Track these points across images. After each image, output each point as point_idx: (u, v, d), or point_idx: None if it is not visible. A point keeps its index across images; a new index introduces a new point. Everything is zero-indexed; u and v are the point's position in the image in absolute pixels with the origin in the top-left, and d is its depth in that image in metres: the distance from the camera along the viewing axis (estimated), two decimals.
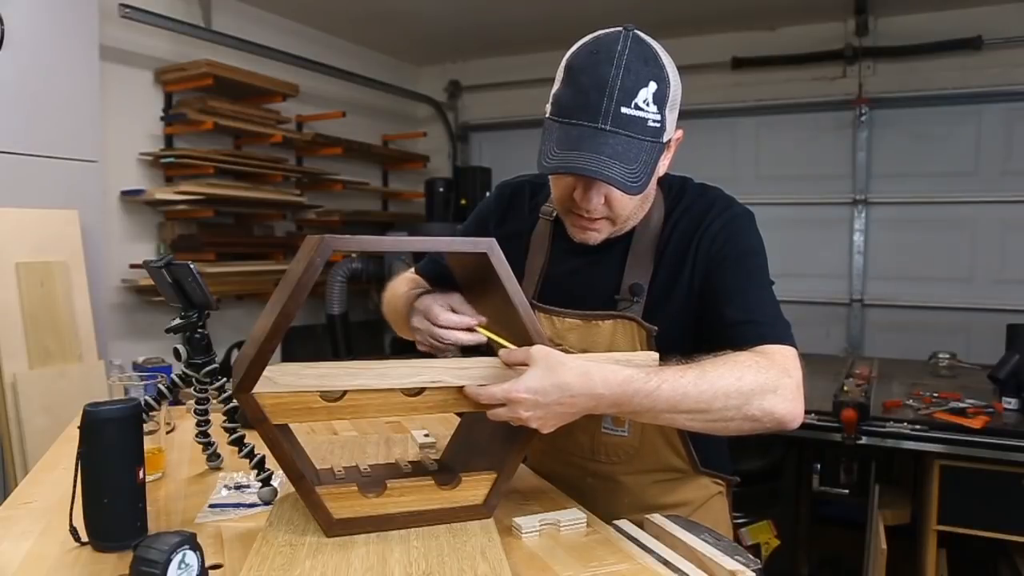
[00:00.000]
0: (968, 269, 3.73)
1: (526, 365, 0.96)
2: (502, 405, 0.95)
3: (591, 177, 1.02)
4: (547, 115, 1.10)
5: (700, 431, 1.02)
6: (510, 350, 0.99)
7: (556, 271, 1.26)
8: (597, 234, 1.15)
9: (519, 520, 0.99)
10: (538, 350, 0.96)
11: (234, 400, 1.10)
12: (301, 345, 3.95)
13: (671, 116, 1.08)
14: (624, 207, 1.12)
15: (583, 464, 1.25)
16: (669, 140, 1.11)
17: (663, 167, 1.16)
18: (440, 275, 1.30)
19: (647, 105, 1.02)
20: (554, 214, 1.28)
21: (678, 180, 1.24)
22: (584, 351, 1.18)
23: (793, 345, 1.07)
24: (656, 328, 1.13)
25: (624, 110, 1.01)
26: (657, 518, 1.04)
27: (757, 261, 1.14)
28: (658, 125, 1.04)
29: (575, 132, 1.03)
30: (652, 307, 1.16)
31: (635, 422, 1.18)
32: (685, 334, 1.15)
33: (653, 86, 1.02)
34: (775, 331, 1.07)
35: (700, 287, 1.14)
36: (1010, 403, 2.37)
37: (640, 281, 1.16)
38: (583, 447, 1.24)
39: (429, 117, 4.95)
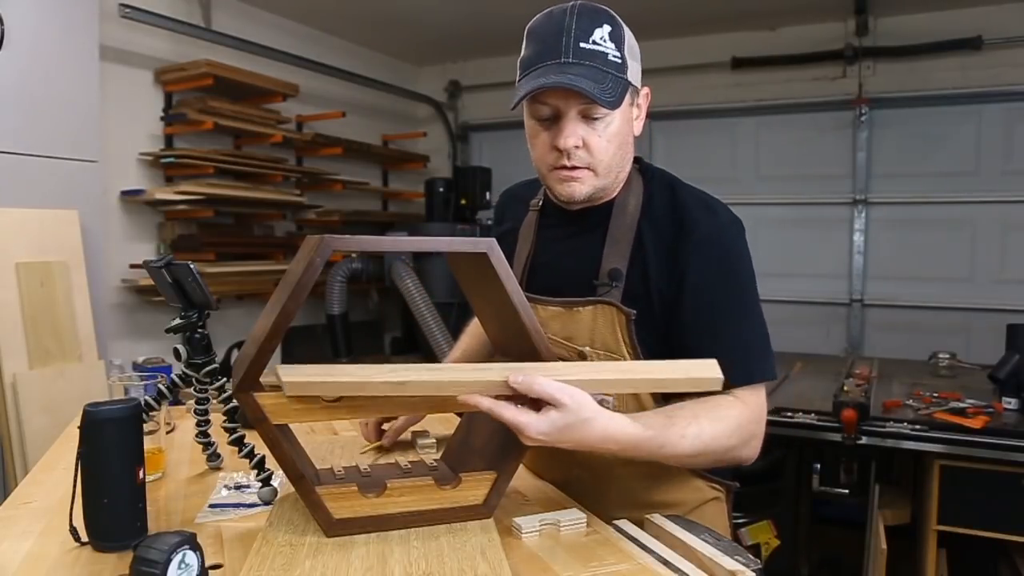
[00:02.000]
0: (968, 269, 3.73)
1: (552, 407, 0.91)
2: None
3: (561, 88, 1.05)
4: (517, 81, 1.13)
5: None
6: (545, 383, 0.91)
7: (540, 260, 1.27)
8: (580, 186, 1.14)
9: (519, 520, 0.99)
10: (572, 400, 0.91)
11: (234, 400, 1.10)
12: (301, 345, 3.95)
13: (633, 63, 1.12)
14: (603, 151, 1.12)
15: (570, 455, 1.24)
16: (637, 91, 1.14)
17: (637, 126, 1.18)
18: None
19: (604, 42, 1.08)
20: (540, 204, 1.29)
21: (660, 172, 1.24)
22: (567, 338, 1.19)
23: (768, 377, 1.13)
24: (635, 312, 1.13)
25: (583, 45, 1.07)
26: (657, 518, 1.04)
27: (742, 280, 1.14)
28: (619, 60, 1.09)
29: (540, 71, 1.08)
30: (631, 293, 1.15)
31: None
32: (659, 326, 1.14)
33: (607, 27, 1.09)
34: (751, 370, 1.11)
35: (679, 291, 1.13)
36: (1010, 403, 2.37)
37: (618, 266, 1.16)
38: None
39: (429, 117, 4.95)
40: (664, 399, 1.11)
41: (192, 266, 1.06)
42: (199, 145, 3.38)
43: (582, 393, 0.93)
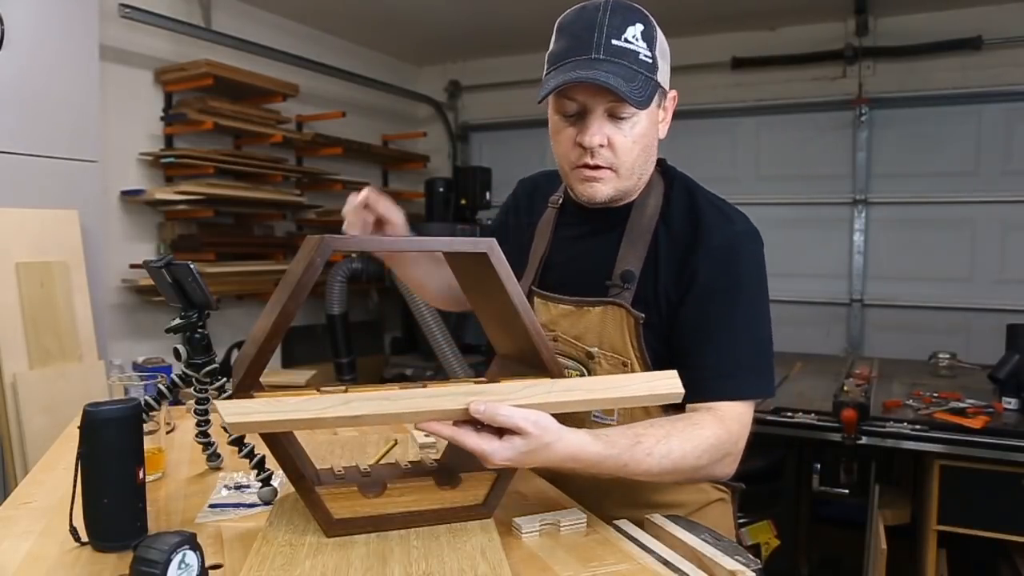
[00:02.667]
0: (968, 269, 3.73)
1: (515, 433, 0.90)
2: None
3: (589, 83, 1.03)
4: (544, 74, 1.12)
5: None
6: (508, 413, 0.90)
7: (555, 258, 1.27)
8: (602, 187, 1.13)
9: (519, 520, 0.99)
10: (536, 426, 0.90)
11: None
12: (301, 345, 3.95)
13: (663, 65, 1.11)
14: (628, 152, 1.11)
15: None
16: (665, 93, 1.13)
17: (663, 129, 1.17)
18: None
19: (636, 40, 1.07)
20: (559, 201, 1.29)
21: (681, 176, 1.23)
22: (576, 338, 1.19)
23: (757, 395, 1.11)
24: (644, 316, 1.13)
25: (615, 42, 1.05)
26: (657, 518, 1.04)
27: (747, 292, 1.12)
28: (650, 61, 1.08)
29: (570, 66, 1.06)
30: (642, 296, 1.15)
31: (624, 411, 1.16)
32: (666, 329, 1.14)
33: (640, 26, 1.08)
34: (739, 385, 1.09)
35: (685, 296, 1.12)
36: (1010, 403, 2.37)
37: (632, 268, 1.15)
38: None
39: (429, 117, 4.95)
40: (664, 409, 1.10)
41: (192, 266, 1.06)
42: (199, 145, 3.38)
43: (545, 416, 0.91)
